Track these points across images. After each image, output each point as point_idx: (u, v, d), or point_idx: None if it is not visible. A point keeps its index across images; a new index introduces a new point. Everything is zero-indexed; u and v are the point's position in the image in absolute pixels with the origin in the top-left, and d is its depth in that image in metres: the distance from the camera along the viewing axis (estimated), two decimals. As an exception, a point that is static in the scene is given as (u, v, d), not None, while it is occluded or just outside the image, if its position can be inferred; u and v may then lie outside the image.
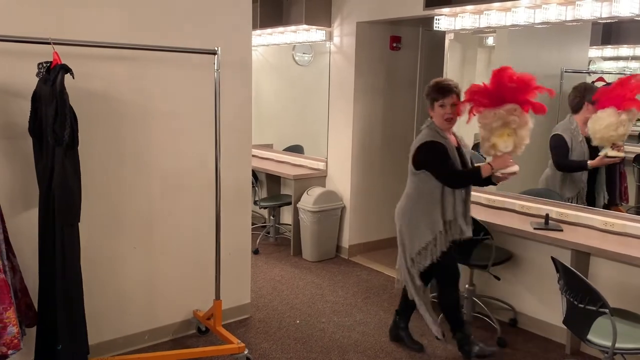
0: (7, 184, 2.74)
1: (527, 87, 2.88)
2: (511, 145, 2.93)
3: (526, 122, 2.93)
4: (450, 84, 3.11)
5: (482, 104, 2.95)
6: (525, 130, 2.93)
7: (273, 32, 5.56)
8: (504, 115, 2.89)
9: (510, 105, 2.88)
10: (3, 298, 2.47)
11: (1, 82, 2.68)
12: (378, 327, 3.76)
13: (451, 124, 3.12)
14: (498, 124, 2.90)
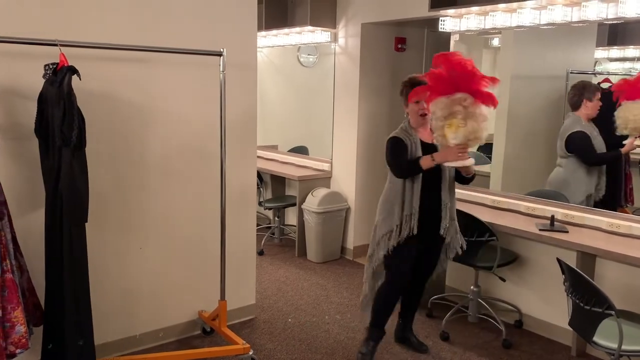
0: (14, 184, 2.76)
1: (474, 75, 2.81)
2: (461, 136, 2.82)
3: (479, 114, 2.83)
4: (421, 81, 3.07)
5: (438, 91, 2.88)
6: (477, 122, 2.83)
7: (278, 33, 5.57)
8: (449, 104, 2.81)
9: (461, 95, 2.80)
10: (11, 297, 2.48)
11: (7, 84, 2.69)
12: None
13: (425, 119, 3.09)
14: (444, 113, 2.82)
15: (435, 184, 3.11)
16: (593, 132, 3.69)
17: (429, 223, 3.12)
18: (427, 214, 3.11)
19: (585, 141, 3.68)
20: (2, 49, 2.62)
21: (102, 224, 3.09)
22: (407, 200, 3.09)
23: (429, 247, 3.23)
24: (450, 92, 2.82)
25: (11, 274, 2.49)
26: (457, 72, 2.82)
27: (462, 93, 2.80)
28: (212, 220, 3.48)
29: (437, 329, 3.73)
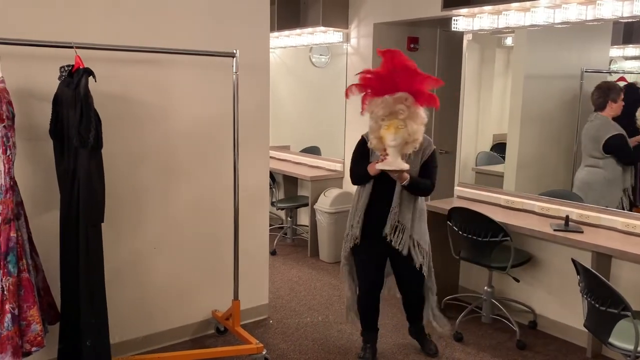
0: (29, 184, 2.79)
1: (417, 75, 2.74)
2: (400, 139, 2.72)
3: (419, 116, 2.76)
4: None
5: (375, 90, 2.77)
6: (417, 124, 2.76)
7: (290, 34, 5.58)
8: (390, 103, 2.70)
9: (401, 93, 2.71)
10: (27, 296, 2.52)
11: (23, 85, 2.73)
12: (395, 329, 3.75)
13: None
14: (385, 113, 2.71)
15: (387, 187, 2.97)
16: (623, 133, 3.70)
17: (379, 230, 3.00)
18: (377, 221, 3.00)
19: (624, 142, 3.69)
20: (18, 51, 2.66)
21: (117, 224, 3.12)
22: (358, 205, 3.06)
23: (393, 256, 3.10)
24: (391, 92, 2.72)
25: (27, 273, 2.53)
26: (399, 70, 2.73)
27: (403, 92, 2.72)
28: (225, 221, 3.50)
29: (451, 329, 3.71)
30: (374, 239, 3.04)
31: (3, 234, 2.46)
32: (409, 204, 2.99)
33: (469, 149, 4.42)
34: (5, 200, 2.48)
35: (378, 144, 2.82)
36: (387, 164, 2.76)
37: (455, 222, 3.66)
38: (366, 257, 3.13)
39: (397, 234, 2.98)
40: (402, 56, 2.76)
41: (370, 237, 3.05)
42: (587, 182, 3.81)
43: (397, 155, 2.75)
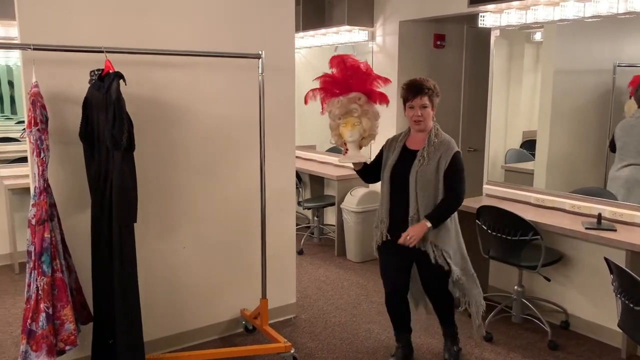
0: (61, 187, 2.86)
1: (369, 76, 2.92)
2: (357, 134, 2.94)
3: (372, 112, 2.95)
4: (423, 84, 2.91)
5: (332, 93, 2.96)
6: (371, 120, 2.95)
7: (315, 34, 5.59)
8: (345, 103, 2.90)
9: (354, 94, 2.90)
10: (61, 296, 2.58)
11: (56, 90, 2.80)
12: (424, 328, 3.72)
13: (419, 126, 2.94)
14: (341, 112, 2.91)
15: (403, 193, 2.92)
16: None
17: (400, 233, 2.91)
18: (397, 225, 2.95)
19: None
20: (51, 56, 2.73)
21: (148, 224, 3.17)
22: (381, 205, 3.06)
23: (418, 259, 3.01)
24: (345, 93, 2.92)
25: (61, 273, 2.60)
26: (351, 73, 2.92)
27: (356, 92, 2.91)
28: (253, 220, 3.52)
29: (480, 329, 3.67)
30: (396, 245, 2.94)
31: (37, 234, 2.53)
32: (427, 212, 2.88)
33: (498, 147, 4.36)
34: (40, 202, 2.55)
35: (338, 140, 3.03)
36: (347, 157, 3.03)
37: (484, 221, 3.61)
38: (388, 259, 3.10)
39: (425, 244, 2.92)
40: (353, 60, 2.96)
41: (393, 242, 2.97)
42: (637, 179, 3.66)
43: (356, 148, 3.01)
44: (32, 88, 2.55)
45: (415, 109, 2.91)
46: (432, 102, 2.93)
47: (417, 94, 2.89)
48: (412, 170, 2.88)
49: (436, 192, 2.87)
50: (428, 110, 2.91)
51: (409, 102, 2.93)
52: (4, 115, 5.11)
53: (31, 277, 2.54)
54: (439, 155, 2.87)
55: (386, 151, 3.07)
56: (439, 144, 2.91)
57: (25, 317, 2.54)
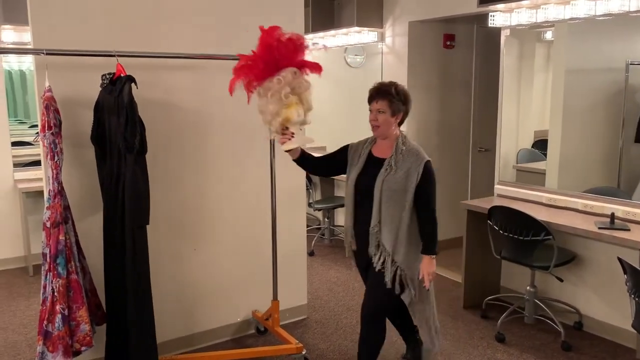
0: (75, 189, 2.89)
1: (300, 47, 2.61)
2: (302, 112, 2.62)
3: (306, 84, 2.64)
4: (382, 88, 2.70)
5: (256, 76, 2.60)
6: (309, 94, 2.65)
7: (325, 35, 5.59)
8: (290, 81, 2.55)
9: (289, 69, 2.56)
10: (76, 298, 2.61)
11: (68, 94, 2.83)
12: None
13: (376, 131, 2.73)
14: (287, 91, 2.55)
15: (368, 203, 2.69)
16: None
17: (362, 246, 2.77)
18: (361, 236, 2.77)
19: None
20: (63, 61, 2.76)
21: (159, 226, 3.19)
22: (346, 215, 2.87)
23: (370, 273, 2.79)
24: (273, 72, 2.57)
25: (76, 275, 2.63)
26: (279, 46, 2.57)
27: (289, 67, 2.57)
28: (264, 222, 3.54)
29: (493, 330, 3.66)
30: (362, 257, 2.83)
31: (52, 237, 2.56)
32: (391, 225, 2.65)
33: (509, 146, 4.34)
34: (54, 205, 2.58)
35: (280, 127, 2.64)
36: (296, 141, 2.68)
37: (495, 221, 3.60)
38: (359, 267, 2.98)
39: (380, 257, 2.69)
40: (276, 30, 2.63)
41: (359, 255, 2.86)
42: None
43: (300, 130, 2.69)
44: (46, 92, 2.58)
45: (372, 113, 2.71)
46: (393, 108, 2.67)
47: (374, 98, 2.70)
48: (377, 180, 2.65)
49: (402, 203, 2.64)
50: (385, 116, 2.66)
51: (369, 105, 2.74)
52: (17, 120, 5.17)
53: (47, 279, 2.57)
54: (409, 165, 2.65)
55: (352, 155, 2.84)
56: (407, 152, 2.68)
57: (42, 319, 2.57)
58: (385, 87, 2.70)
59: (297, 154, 2.80)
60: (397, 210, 2.65)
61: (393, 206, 2.65)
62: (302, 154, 2.82)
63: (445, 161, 5.30)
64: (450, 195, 5.31)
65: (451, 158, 5.33)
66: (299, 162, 2.85)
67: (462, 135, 5.37)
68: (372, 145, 2.82)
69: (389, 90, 2.68)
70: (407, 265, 2.70)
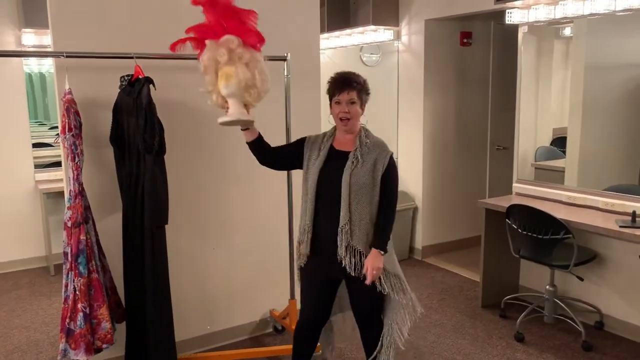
0: (95, 190, 2.93)
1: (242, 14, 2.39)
2: (233, 86, 2.33)
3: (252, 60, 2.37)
4: (351, 77, 2.54)
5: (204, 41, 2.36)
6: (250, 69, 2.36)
7: (340, 34, 5.59)
8: (213, 47, 2.33)
9: (226, 37, 2.33)
10: (97, 296, 2.65)
11: (88, 95, 2.86)
12: (454, 329, 3.70)
13: (346, 125, 2.53)
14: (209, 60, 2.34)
15: (332, 200, 2.48)
16: None
17: (328, 248, 2.52)
18: (324, 237, 2.53)
19: None
20: (83, 63, 2.80)
21: (178, 226, 3.22)
22: (303, 215, 2.59)
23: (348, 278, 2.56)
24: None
25: (97, 274, 2.67)
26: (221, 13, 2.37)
27: (229, 35, 2.34)
28: (281, 222, 3.55)
29: (512, 329, 3.63)
30: (323, 262, 2.56)
31: (73, 237, 2.60)
32: (361, 222, 2.48)
33: (527, 144, 4.30)
34: (75, 205, 2.62)
35: (218, 98, 2.42)
36: (228, 115, 2.41)
37: (514, 220, 3.57)
38: (310, 281, 2.67)
39: (351, 258, 2.49)
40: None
41: (320, 260, 2.58)
42: None
43: (238, 104, 2.42)
44: (66, 95, 2.62)
45: (342, 105, 2.51)
46: (361, 99, 2.54)
47: (344, 88, 2.50)
48: (344, 173, 2.46)
49: (371, 197, 2.49)
50: (356, 107, 2.51)
51: (335, 97, 2.53)
52: (37, 121, 5.25)
53: (68, 278, 2.62)
54: (374, 156, 2.50)
55: (309, 148, 2.61)
56: (372, 144, 2.54)
57: (64, 317, 2.61)
58: (354, 77, 2.54)
59: (252, 136, 2.58)
60: (367, 206, 2.48)
61: (362, 202, 2.47)
62: (258, 141, 2.61)
63: (462, 160, 5.27)
64: (468, 194, 5.28)
65: (469, 157, 5.29)
66: (252, 147, 2.63)
67: (479, 134, 5.33)
68: (333, 139, 2.61)
69: (358, 80, 2.54)
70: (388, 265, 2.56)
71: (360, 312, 2.68)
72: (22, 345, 3.56)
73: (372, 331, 2.70)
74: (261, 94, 2.45)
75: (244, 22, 2.39)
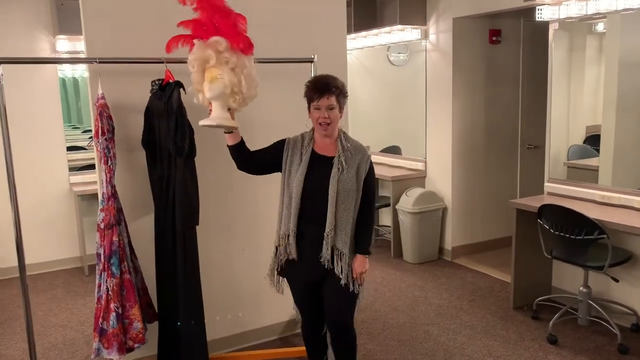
0: (127, 192, 2.98)
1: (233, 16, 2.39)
2: (217, 90, 2.32)
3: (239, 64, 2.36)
4: (329, 82, 2.51)
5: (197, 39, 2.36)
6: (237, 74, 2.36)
7: (367, 34, 5.58)
8: (201, 48, 2.31)
9: (214, 38, 2.32)
10: (129, 296, 2.70)
11: (120, 100, 2.92)
12: (485, 331, 3.65)
13: (326, 130, 2.51)
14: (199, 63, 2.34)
15: (317, 206, 2.49)
16: None
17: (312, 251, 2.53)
18: (308, 242, 2.54)
19: None
20: (115, 68, 2.86)
21: (208, 227, 3.26)
22: (284, 219, 2.58)
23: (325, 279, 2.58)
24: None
25: (129, 275, 2.72)
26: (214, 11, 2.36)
27: (217, 36, 2.33)
28: (309, 222, 3.55)
29: (544, 331, 3.56)
30: (305, 266, 2.59)
31: (106, 238, 2.66)
32: (347, 226, 2.50)
33: (559, 143, 4.21)
34: (108, 207, 2.67)
35: (204, 99, 2.43)
36: (210, 118, 2.40)
37: (546, 220, 3.50)
38: (298, 284, 2.71)
39: (337, 261, 2.52)
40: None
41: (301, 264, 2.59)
42: None
43: (221, 108, 2.41)
44: (99, 99, 2.68)
45: (321, 110, 2.48)
46: (340, 104, 2.52)
47: (323, 93, 2.47)
48: (331, 181, 2.47)
49: (355, 201, 2.52)
50: (335, 112, 2.50)
51: (314, 102, 2.50)
52: (71, 125, 5.38)
53: (101, 278, 2.68)
54: (357, 161, 2.53)
55: (288, 152, 2.60)
56: (353, 149, 2.55)
57: (97, 317, 2.67)
58: (332, 81, 2.50)
59: (233, 140, 2.57)
60: (351, 211, 2.51)
61: (348, 207, 2.49)
62: (240, 145, 2.60)
63: (493, 159, 5.20)
64: (498, 194, 5.20)
65: (499, 156, 5.22)
66: (233, 151, 2.61)
67: (510, 133, 5.25)
68: (313, 142, 2.60)
69: (336, 84, 2.51)
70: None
71: (332, 313, 2.66)
72: (59, 343, 3.65)
73: (343, 336, 2.69)
74: (246, 100, 2.48)
75: (235, 24, 2.39)
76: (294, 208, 2.52)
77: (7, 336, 3.77)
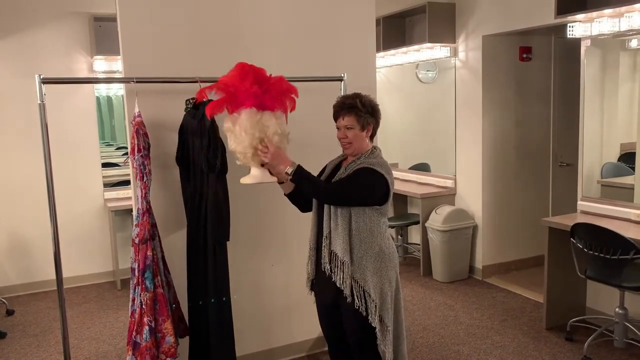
0: (161, 208, 3.05)
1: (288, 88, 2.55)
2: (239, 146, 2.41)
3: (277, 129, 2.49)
4: (345, 102, 2.49)
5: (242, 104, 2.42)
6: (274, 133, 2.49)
7: (396, 52, 5.61)
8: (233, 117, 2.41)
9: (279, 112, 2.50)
10: (162, 310, 2.75)
11: (156, 118, 3.00)
12: (517, 351, 3.58)
13: (347, 149, 2.51)
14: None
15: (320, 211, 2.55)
16: None
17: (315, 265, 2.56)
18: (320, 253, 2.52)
19: None
20: (150, 87, 2.94)
21: (238, 243, 3.29)
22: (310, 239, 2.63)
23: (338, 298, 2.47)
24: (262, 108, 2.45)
25: (162, 289, 2.76)
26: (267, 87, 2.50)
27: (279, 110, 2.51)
28: (338, 239, 3.56)
29: (579, 354, 3.47)
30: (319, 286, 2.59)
31: (141, 252, 2.71)
32: (344, 230, 2.41)
33: (593, 160, 4.14)
34: (143, 222, 2.73)
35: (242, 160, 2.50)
36: (248, 177, 2.52)
37: (579, 239, 3.44)
38: (318, 306, 2.69)
39: (336, 269, 2.42)
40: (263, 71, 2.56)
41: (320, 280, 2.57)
42: None
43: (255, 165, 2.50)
44: (136, 118, 2.76)
45: (340, 130, 2.50)
46: (361, 123, 2.47)
47: (339, 114, 2.49)
48: None
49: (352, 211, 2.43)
50: (355, 132, 2.46)
51: (336, 122, 2.53)
52: (105, 142, 5.53)
53: (135, 292, 2.73)
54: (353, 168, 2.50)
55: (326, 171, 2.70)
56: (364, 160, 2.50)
57: (130, 330, 2.72)
58: (350, 101, 2.48)
59: (287, 189, 2.61)
60: (346, 217, 2.43)
61: (343, 214, 2.42)
62: (295, 192, 2.62)
63: (524, 177, 5.14)
64: (530, 212, 5.13)
65: (531, 174, 5.16)
66: (290, 198, 2.67)
67: (541, 150, 5.19)
68: (344, 159, 2.64)
69: (354, 104, 2.46)
70: (367, 282, 2.40)
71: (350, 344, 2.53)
72: (92, 356, 3.72)
73: None
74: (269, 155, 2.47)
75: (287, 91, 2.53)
76: (313, 220, 2.60)
77: (42, 348, 3.86)
